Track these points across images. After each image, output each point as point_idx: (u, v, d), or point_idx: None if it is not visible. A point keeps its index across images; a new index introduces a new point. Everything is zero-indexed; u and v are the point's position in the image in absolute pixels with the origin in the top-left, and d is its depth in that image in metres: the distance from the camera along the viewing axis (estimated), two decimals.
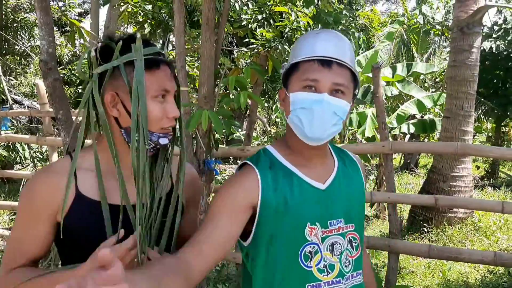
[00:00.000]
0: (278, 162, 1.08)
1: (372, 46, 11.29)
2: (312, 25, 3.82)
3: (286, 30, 3.58)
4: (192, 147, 2.58)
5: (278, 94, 1.11)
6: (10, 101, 7.35)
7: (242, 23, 3.78)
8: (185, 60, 2.53)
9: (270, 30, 3.58)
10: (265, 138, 10.03)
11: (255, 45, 3.54)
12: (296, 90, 1.03)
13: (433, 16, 10.13)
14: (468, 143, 5.08)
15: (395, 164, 11.21)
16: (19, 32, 10.87)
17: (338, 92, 1.01)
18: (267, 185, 1.03)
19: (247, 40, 3.88)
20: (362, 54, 8.67)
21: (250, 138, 3.45)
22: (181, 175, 1.08)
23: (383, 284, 2.83)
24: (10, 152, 7.13)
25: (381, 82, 2.91)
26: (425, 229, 5.33)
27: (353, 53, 1.09)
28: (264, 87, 6.68)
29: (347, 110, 1.04)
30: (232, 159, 9.66)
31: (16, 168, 7.66)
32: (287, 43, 3.47)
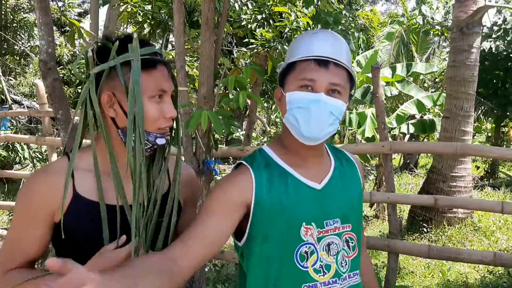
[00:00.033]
0: (274, 162, 1.08)
1: (372, 46, 11.29)
2: (312, 25, 3.81)
3: (286, 30, 3.58)
4: (192, 147, 2.57)
5: (274, 94, 1.10)
6: (10, 101, 7.36)
7: (242, 23, 3.78)
8: (185, 60, 2.53)
9: (270, 30, 3.57)
10: (265, 138, 10.02)
11: (255, 45, 3.54)
12: (293, 90, 1.03)
13: (433, 16, 10.11)
14: (468, 143, 5.08)
15: (395, 164, 11.21)
16: (19, 32, 10.88)
17: (335, 92, 1.02)
18: (261, 185, 1.03)
19: (247, 40, 3.87)
20: (362, 54, 8.66)
21: (250, 138, 3.45)
22: (177, 175, 1.08)
23: (383, 284, 2.83)
24: (10, 152, 7.14)
25: (381, 82, 2.91)
26: (425, 229, 5.33)
27: (350, 53, 1.09)
28: (264, 87, 6.67)
29: (344, 110, 1.04)
30: (232, 159, 9.65)
31: (16, 168, 7.66)
32: (287, 43, 3.46)
